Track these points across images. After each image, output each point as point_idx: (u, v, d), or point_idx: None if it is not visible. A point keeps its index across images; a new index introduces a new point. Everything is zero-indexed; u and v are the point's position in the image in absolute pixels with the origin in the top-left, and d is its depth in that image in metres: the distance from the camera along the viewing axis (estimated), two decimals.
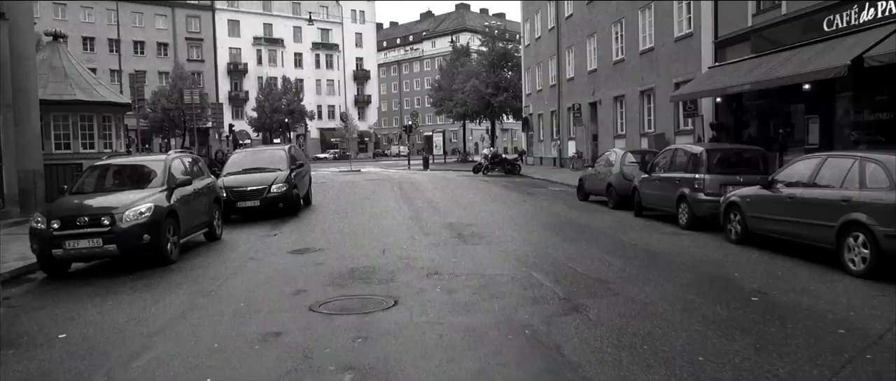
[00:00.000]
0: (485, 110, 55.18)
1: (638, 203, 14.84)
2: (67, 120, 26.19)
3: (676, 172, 13.18)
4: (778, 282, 7.72)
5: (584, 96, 33.90)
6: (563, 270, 8.72)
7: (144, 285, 8.76)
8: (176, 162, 12.14)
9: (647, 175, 14.44)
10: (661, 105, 25.27)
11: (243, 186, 16.20)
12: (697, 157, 12.55)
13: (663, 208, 13.69)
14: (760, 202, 10.05)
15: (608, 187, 16.90)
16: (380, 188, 25.10)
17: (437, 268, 9.00)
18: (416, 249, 10.74)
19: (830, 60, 13.77)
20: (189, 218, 11.54)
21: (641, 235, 11.86)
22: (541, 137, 43.63)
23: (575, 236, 11.70)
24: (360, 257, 10.12)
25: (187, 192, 11.65)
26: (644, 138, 26.71)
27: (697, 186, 12.26)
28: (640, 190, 14.68)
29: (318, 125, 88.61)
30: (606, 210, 16.27)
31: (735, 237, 10.70)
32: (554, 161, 39.91)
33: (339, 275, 8.70)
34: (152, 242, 10.03)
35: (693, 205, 12.30)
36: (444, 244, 11.12)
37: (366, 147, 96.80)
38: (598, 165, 18.33)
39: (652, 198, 14.15)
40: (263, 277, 8.97)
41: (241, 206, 16.03)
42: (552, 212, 16.02)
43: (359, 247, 11.25)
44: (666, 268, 8.72)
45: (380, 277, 8.53)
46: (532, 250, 10.37)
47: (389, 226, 13.82)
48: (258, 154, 18.70)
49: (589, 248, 10.42)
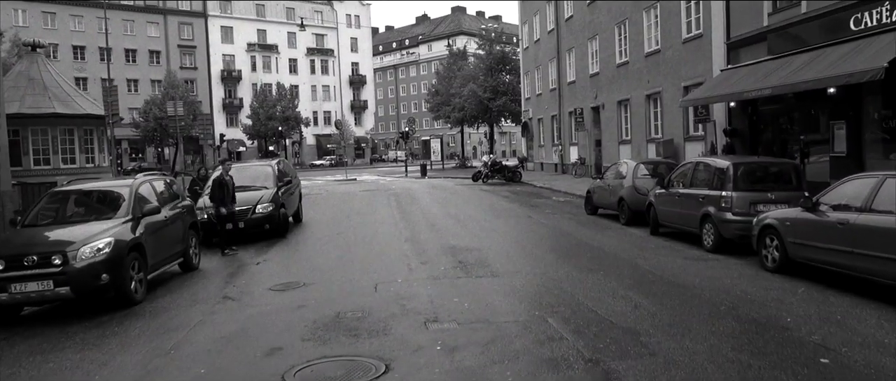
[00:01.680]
0: (483, 115, 54.01)
1: (654, 220, 13.64)
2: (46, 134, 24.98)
3: (699, 188, 11.97)
4: (842, 332, 6.49)
5: (586, 100, 32.70)
6: (583, 313, 7.49)
7: (98, 338, 7.53)
8: (144, 187, 10.92)
9: (663, 190, 13.23)
10: (668, 110, 24.07)
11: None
12: (723, 172, 11.34)
13: (683, 227, 12.48)
14: (803, 227, 8.83)
15: (620, 202, 15.69)
16: (375, 201, 23.88)
17: (436, 312, 7.77)
18: (412, 283, 9.51)
19: (862, 63, 12.57)
20: (159, 250, 10.32)
21: (664, 261, 10.64)
22: (541, 142, 42.42)
23: (590, 264, 10.47)
24: (348, 296, 8.89)
25: (157, 220, 10.43)
26: (651, 144, 25.51)
27: (725, 204, 11.05)
28: (657, 206, 13.46)
29: (315, 132, 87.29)
30: (618, 227, 15.05)
31: (772, 265, 9.49)
32: (555, 167, 38.72)
33: (323, 325, 7.46)
34: (112, 282, 8.81)
35: (719, 226, 11.08)
36: (444, 277, 9.89)
37: (363, 153, 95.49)
38: (607, 177, 17.12)
39: (670, 216, 12.94)
40: (235, 326, 7.73)
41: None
42: (560, 231, 14.79)
43: (348, 281, 10.02)
44: (703, 310, 7.49)
45: (370, 326, 7.30)
46: (544, 285, 9.14)
47: (383, 251, 12.59)
48: (243, 171, 17.44)
49: (608, 280, 9.20)
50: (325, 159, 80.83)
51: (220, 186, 13.48)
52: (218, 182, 13.55)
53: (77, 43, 67.64)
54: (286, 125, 72.02)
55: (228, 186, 13.64)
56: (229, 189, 13.65)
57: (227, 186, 13.59)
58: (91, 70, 66.26)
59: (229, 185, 13.70)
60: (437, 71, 68.37)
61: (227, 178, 13.73)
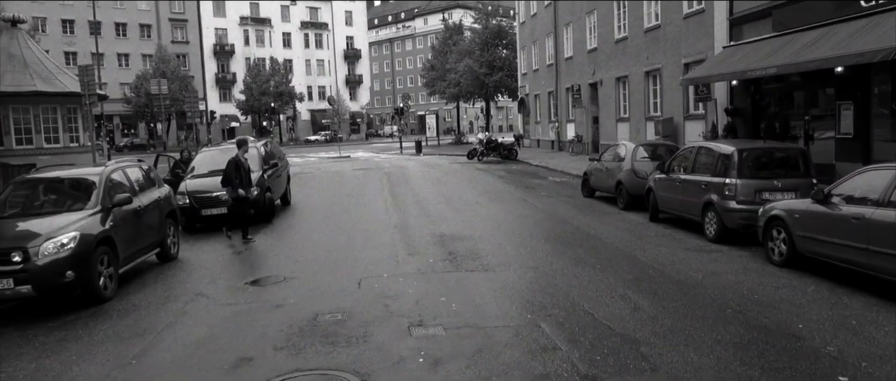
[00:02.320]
0: (479, 91, 53.25)
1: (653, 206, 13.10)
2: (28, 113, 24.28)
3: (701, 174, 11.41)
4: (860, 342, 5.97)
5: (583, 77, 32.01)
6: (579, 317, 6.97)
7: (58, 343, 7.00)
8: (116, 175, 10.32)
9: (664, 175, 12.67)
10: (668, 87, 23.43)
11: (208, 192, 14.37)
12: (728, 158, 10.77)
13: (684, 215, 11.95)
14: (814, 221, 8.30)
15: (618, 186, 15.14)
16: (367, 182, 23.29)
17: (422, 315, 7.24)
18: (399, 279, 8.97)
19: (874, 41, 11.96)
20: (132, 242, 9.77)
21: (664, 253, 10.11)
22: (538, 118, 41.77)
23: (586, 257, 9.94)
24: (329, 295, 8.35)
25: (130, 210, 9.85)
26: (650, 123, 24.90)
27: (728, 192, 10.50)
28: (657, 191, 12.92)
29: (309, 107, 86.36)
30: (616, 212, 14.51)
31: (779, 259, 8.97)
32: (552, 144, 38.13)
33: (299, 329, 6.93)
34: (78, 279, 8.26)
35: (723, 215, 10.54)
36: (432, 271, 9.35)
37: (358, 128, 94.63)
38: (604, 159, 16.54)
39: (671, 202, 12.40)
40: (205, 330, 7.19)
41: (206, 214, 14.24)
42: (556, 216, 14.24)
43: (331, 275, 9.49)
44: (707, 313, 6.97)
45: (349, 332, 6.77)
46: (538, 280, 8.61)
47: (371, 240, 12.05)
48: (227, 153, 16.79)
49: (605, 276, 8.67)
50: (320, 135, 79.97)
51: (237, 169, 12.57)
52: (234, 164, 12.58)
53: (66, 17, 66.35)
54: (280, 101, 71.11)
55: (244, 168, 12.77)
56: (245, 172, 12.80)
57: (243, 168, 12.72)
58: (80, 45, 65.11)
59: (245, 167, 12.84)
60: (433, 45, 67.42)
61: (242, 160, 12.81)
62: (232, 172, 12.56)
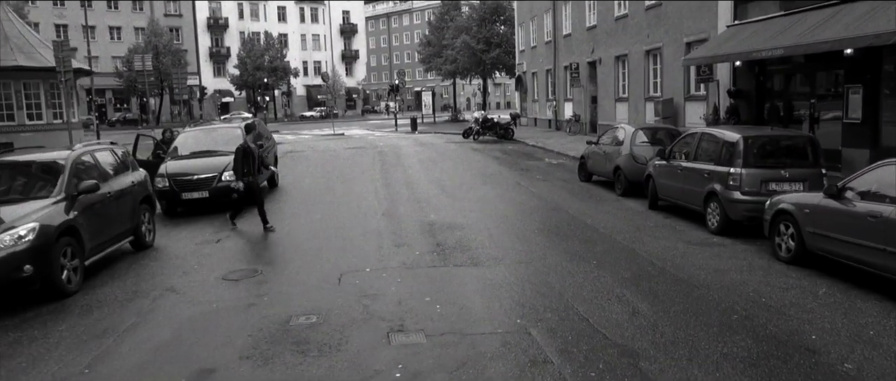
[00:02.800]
0: (476, 67, 52.45)
1: (653, 194, 12.54)
2: (9, 88, 23.58)
3: (704, 162, 10.83)
4: (880, 357, 5.45)
5: (582, 55, 31.30)
6: (573, 322, 6.44)
7: (10, 347, 6.47)
8: (85, 159, 9.72)
9: (664, 161, 12.10)
10: (669, 67, 22.77)
11: (189, 174, 13.80)
12: (733, 146, 10.19)
13: (685, 204, 11.40)
14: (825, 217, 7.75)
15: (616, 171, 14.57)
16: (359, 163, 22.68)
17: (403, 318, 6.70)
18: (382, 274, 8.42)
19: (889, 21, 11.34)
20: (100, 231, 9.20)
21: (665, 246, 9.56)
22: (535, 96, 41.08)
23: (582, 250, 9.39)
24: (306, 292, 7.81)
25: (98, 198, 9.27)
26: (650, 103, 24.28)
27: (733, 182, 9.94)
28: (657, 179, 12.35)
29: (305, 82, 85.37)
30: (614, 199, 13.96)
31: (786, 255, 8.44)
32: (549, 123, 37.50)
33: (270, 334, 6.40)
34: (38, 273, 7.70)
35: (726, 206, 10.00)
36: (418, 265, 8.80)
37: (354, 104, 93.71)
38: (602, 143, 15.95)
39: (671, 190, 11.84)
40: (169, 332, 6.65)
41: (187, 198, 13.66)
42: (551, 203, 13.68)
43: (311, 268, 8.95)
44: (712, 319, 6.44)
45: (323, 337, 6.23)
46: (529, 278, 8.06)
47: (357, 228, 11.49)
48: (210, 134, 16.22)
49: (602, 273, 8.13)
50: (315, 111, 79.05)
51: (245, 156, 11.61)
52: (242, 151, 11.62)
53: None
54: (274, 76, 70.16)
55: (254, 155, 11.83)
56: (255, 159, 11.86)
57: (252, 155, 11.78)
58: (71, 17, 63.92)
59: (255, 154, 11.89)
60: (430, 21, 66.36)
61: (251, 146, 11.82)
62: (240, 162, 11.63)
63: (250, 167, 11.76)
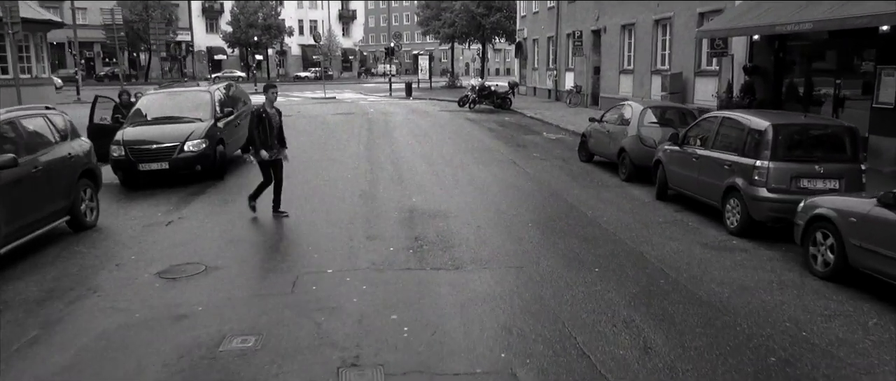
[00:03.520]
0: (475, 32, 50.71)
1: (662, 182, 11.22)
2: None
3: (725, 151, 9.47)
4: None
5: (586, 22, 29.67)
6: (569, 361, 5.15)
7: None
8: (4, 129, 8.32)
9: (677, 147, 10.75)
10: (679, 38, 21.28)
11: (148, 143, 12.43)
12: (759, 134, 8.82)
13: (700, 197, 10.08)
14: (877, 229, 6.44)
15: (621, 153, 13.21)
16: (344, 131, 21.27)
17: (360, 344, 5.41)
18: (346, 278, 7.12)
19: None
20: (19, 212, 7.90)
21: (677, 249, 8.27)
22: (535, 65, 39.46)
23: (582, 252, 8.09)
24: (251, 301, 6.51)
25: (17, 174, 7.91)
26: (656, 77, 22.83)
27: (758, 177, 8.61)
28: (667, 166, 11.01)
29: (300, 42, 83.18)
30: (617, 185, 12.64)
31: (822, 269, 7.16)
32: (549, 93, 35.99)
33: (192, 362, 5.11)
34: None
35: (749, 204, 8.68)
36: (390, 267, 7.50)
37: (350, 66, 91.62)
38: (606, 120, 14.57)
39: (684, 181, 10.50)
40: (69, 356, 5.35)
41: (145, 169, 12.30)
42: (549, 188, 12.35)
43: (266, 265, 7.67)
44: (744, 361, 5.15)
45: (255, 372, 4.95)
46: (519, 291, 6.76)
47: (328, 214, 10.15)
48: (175, 97, 14.76)
49: (606, 286, 6.84)
50: (310, 72, 77.04)
51: (260, 123, 9.59)
52: (256, 117, 9.61)
53: None
54: (268, 34, 68.11)
55: (271, 122, 9.74)
56: (273, 127, 9.79)
57: (268, 122, 9.68)
58: None
59: (273, 121, 9.79)
60: None
61: (269, 111, 9.75)
62: (254, 131, 9.65)
63: (266, 137, 9.66)
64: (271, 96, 9.87)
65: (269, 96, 9.86)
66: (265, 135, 9.63)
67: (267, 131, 9.67)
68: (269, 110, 9.77)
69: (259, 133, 9.61)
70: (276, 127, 9.85)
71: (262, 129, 9.63)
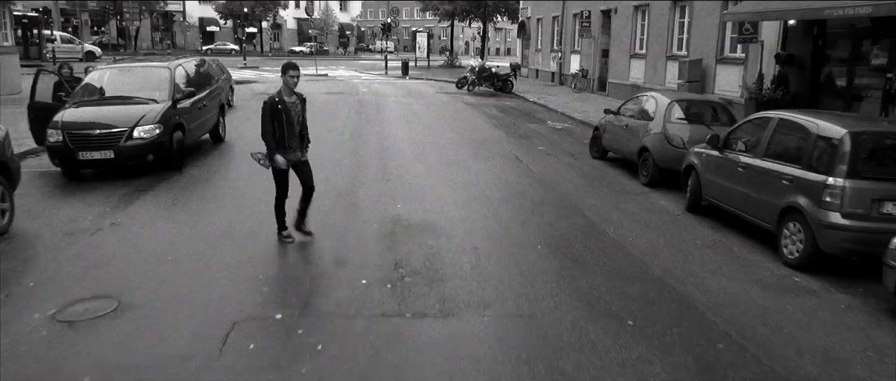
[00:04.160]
0: (476, 9, 48.62)
1: (695, 192, 9.42)
2: None
3: (782, 161, 7.68)
4: None
5: (595, 2, 27.69)
6: None
7: None
8: None
9: (716, 152, 8.96)
10: (700, 21, 19.39)
11: (90, 127, 10.58)
12: (834, 145, 7.02)
13: (745, 215, 8.29)
14: None
15: (642, 153, 11.41)
16: (331, 114, 19.37)
17: None
18: (295, 333, 5.32)
19: None
20: None
21: (728, 289, 6.49)
22: (538, 46, 37.48)
23: (609, 293, 6.30)
24: (160, 371, 4.73)
25: None
26: (672, 63, 20.97)
27: (830, 198, 6.83)
28: (703, 174, 9.20)
29: (295, 15, 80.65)
30: (638, 191, 10.86)
31: None
32: (552, 76, 34.07)
33: None
34: None
35: (817, 231, 6.90)
36: (358, 313, 5.69)
37: (347, 42, 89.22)
38: (624, 113, 12.75)
39: (725, 194, 8.68)
40: None
41: (85, 158, 10.46)
42: (559, 193, 10.54)
43: (193, 305, 5.85)
44: None
45: None
46: (527, 359, 4.96)
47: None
48: (128, 74, 12.84)
49: (646, 353, 5.06)
50: (305, 46, 74.72)
51: (275, 116, 7.23)
52: (270, 108, 7.24)
53: None
54: (261, 6, 65.76)
55: (290, 115, 7.30)
56: (292, 122, 7.35)
57: (286, 115, 7.26)
58: None
59: (292, 113, 7.33)
60: None
61: (287, 100, 7.29)
62: (268, 126, 7.27)
63: (284, 135, 7.30)
64: (291, 80, 7.31)
65: (288, 80, 7.30)
66: (282, 132, 7.28)
67: (284, 127, 7.28)
68: (288, 99, 7.31)
69: (275, 129, 7.28)
70: (297, 121, 7.42)
71: (278, 124, 7.25)
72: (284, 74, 7.34)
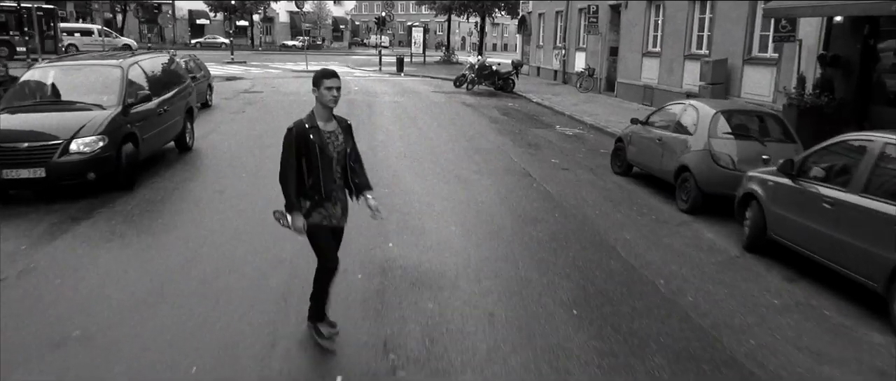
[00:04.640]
0: (474, 3, 46.75)
1: (757, 227, 7.61)
2: None
3: (892, 200, 5.88)
4: None
5: None
6: None
7: None
8: None
9: (788, 179, 7.17)
10: (724, 16, 17.64)
11: (17, 140, 8.73)
12: None
13: (836, 266, 6.48)
14: None
15: (681, 172, 9.59)
16: None
17: None
18: None
19: None
20: None
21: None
22: (540, 42, 35.71)
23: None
24: None
25: None
26: (691, 63, 19.20)
27: None
28: (771, 208, 7.38)
29: (288, 8, 78.52)
30: (679, 219, 9.06)
31: None
32: (555, 74, 32.33)
33: None
34: None
35: None
36: None
37: (341, 36, 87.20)
38: (655, 124, 10.95)
39: (804, 235, 6.82)
40: None
41: (8, 177, 8.60)
42: (584, 223, 8.73)
43: None
44: None
45: None
46: None
47: (248, 278, 6.50)
48: (74, 73, 10.92)
49: None
50: (298, 40, 72.70)
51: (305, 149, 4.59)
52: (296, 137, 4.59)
53: None
54: None
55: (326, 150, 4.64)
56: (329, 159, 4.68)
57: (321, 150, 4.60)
58: None
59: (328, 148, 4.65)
60: None
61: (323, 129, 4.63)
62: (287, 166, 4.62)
63: (318, 179, 4.66)
64: (327, 95, 4.52)
65: (324, 95, 4.53)
66: (316, 177, 4.65)
67: (318, 170, 4.64)
68: (324, 128, 4.64)
69: (298, 171, 4.65)
70: (337, 157, 4.73)
71: (310, 161, 4.63)
72: (318, 86, 4.55)
